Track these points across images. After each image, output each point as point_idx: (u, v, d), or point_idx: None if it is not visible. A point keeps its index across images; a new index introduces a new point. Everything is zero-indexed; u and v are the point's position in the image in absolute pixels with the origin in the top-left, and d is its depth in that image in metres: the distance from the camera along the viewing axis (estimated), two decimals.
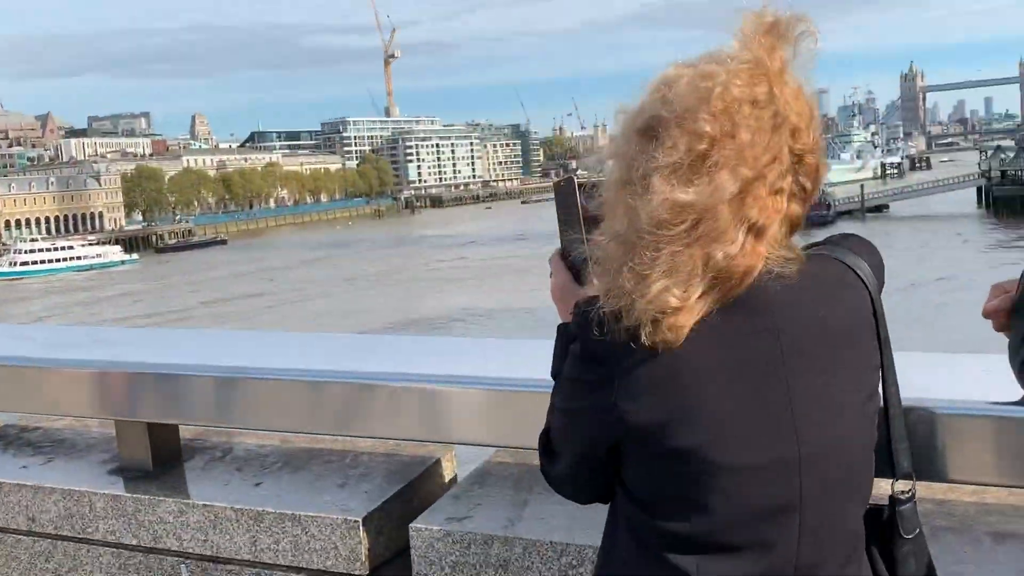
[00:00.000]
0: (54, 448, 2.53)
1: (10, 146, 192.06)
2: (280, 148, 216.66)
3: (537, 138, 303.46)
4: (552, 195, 1.62)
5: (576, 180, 1.59)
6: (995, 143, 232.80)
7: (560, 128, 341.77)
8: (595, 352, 1.35)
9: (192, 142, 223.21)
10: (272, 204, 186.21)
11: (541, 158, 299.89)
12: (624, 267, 1.29)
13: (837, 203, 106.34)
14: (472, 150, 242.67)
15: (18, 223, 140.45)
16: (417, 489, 2.18)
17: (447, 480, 2.27)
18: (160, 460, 2.31)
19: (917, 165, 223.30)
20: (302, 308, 64.67)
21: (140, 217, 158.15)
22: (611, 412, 1.33)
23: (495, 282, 72.18)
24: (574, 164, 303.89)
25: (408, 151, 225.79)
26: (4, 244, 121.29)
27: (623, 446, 1.36)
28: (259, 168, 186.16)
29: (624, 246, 1.31)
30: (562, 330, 1.56)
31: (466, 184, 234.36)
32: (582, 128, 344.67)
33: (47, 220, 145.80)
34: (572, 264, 1.59)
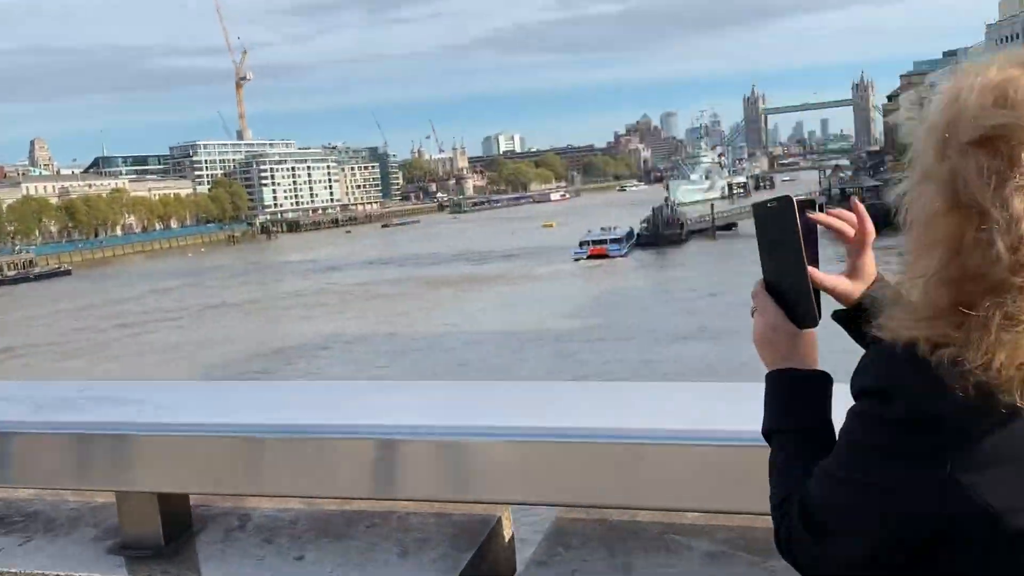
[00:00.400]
0: (27, 524, 2.10)
1: None
2: (127, 173, 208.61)
3: (396, 161, 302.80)
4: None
5: (796, 200, 1.37)
6: (833, 162, 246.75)
7: (419, 151, 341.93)
8: (926, 414, 1.12)
9: (31, 168, 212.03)
10: (119, 232, 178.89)
11: (401, 181, 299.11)
12: (991, 312, 1.07)
13: (689, 222, 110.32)
14: (329, 173, 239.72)
15: None
16: (486, 554, 1.90)
17: (506, 541, 2.00)
18: (171, 534, 1.96)
19: (761, 185, 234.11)
20: (156, 340, 62.32)
21: None
22: (946, 489, 1.10)
23: (358, 308, 71.49)
24: (434, 187, 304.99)
25: (263, 175, 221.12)
26: None
27: (950, 529, 1.12)
28: (104, 194, 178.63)
29: (953, 286, 1.11)
30: (778, 378, 1.37)
31: (324, 208, 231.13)
32: (440, 151, 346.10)
33: None
34: (786, 299, 1.37)
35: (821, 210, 1.45)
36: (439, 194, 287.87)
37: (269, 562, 1.88)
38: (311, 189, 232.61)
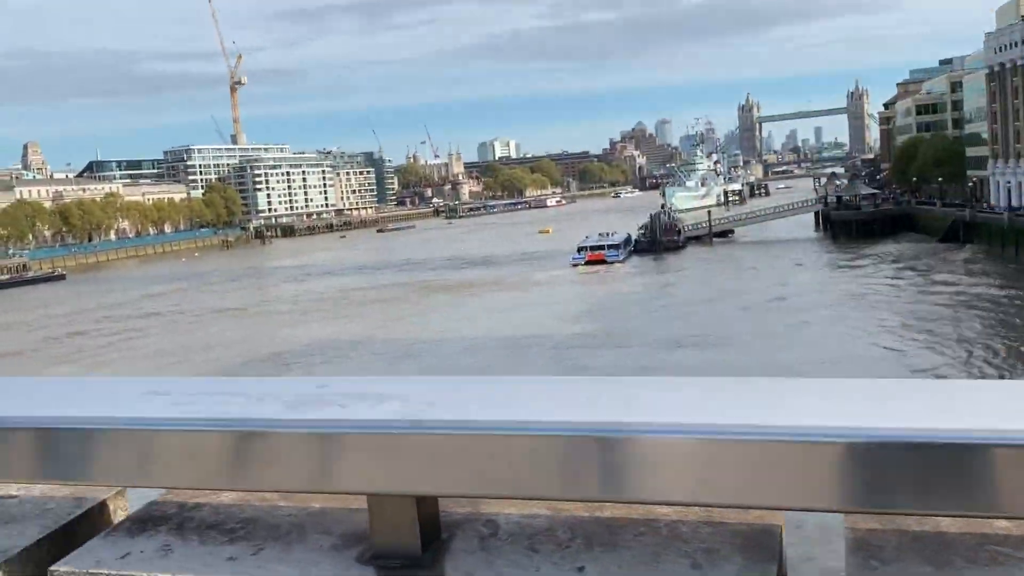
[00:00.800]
0: (249, 531, 1.93)
1: None
2: (120, 178, 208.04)
3: (391, 166, 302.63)
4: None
5: None
6: (827, 170, 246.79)
7: (414, 156, 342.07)
8: None
9: (24, 172, 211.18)
10: (113, 236, 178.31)
11: (396, 186, 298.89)
12: None
13: (686, 229, 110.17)
14: (324, 178, 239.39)
15: None
16: (781, 565, 1.72)
17: (783, 551, 1.80)
18: (426, 542, 1.79)
19: (756, 192, 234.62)
20: (149, 344, 61.85)
21: None
22: None
23: (354, 313, 71.10)
24: (429, 192, 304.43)
25: (257, 179, 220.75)
26: None
27: None
28: (98, 199, 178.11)
29: None
30: None
31: (319, 213, 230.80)
32: (436, 156, 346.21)
33: None
34: None
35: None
36: (434, 199, 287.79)
37: (547, 573, 1.69)
38: (306, 194, 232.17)
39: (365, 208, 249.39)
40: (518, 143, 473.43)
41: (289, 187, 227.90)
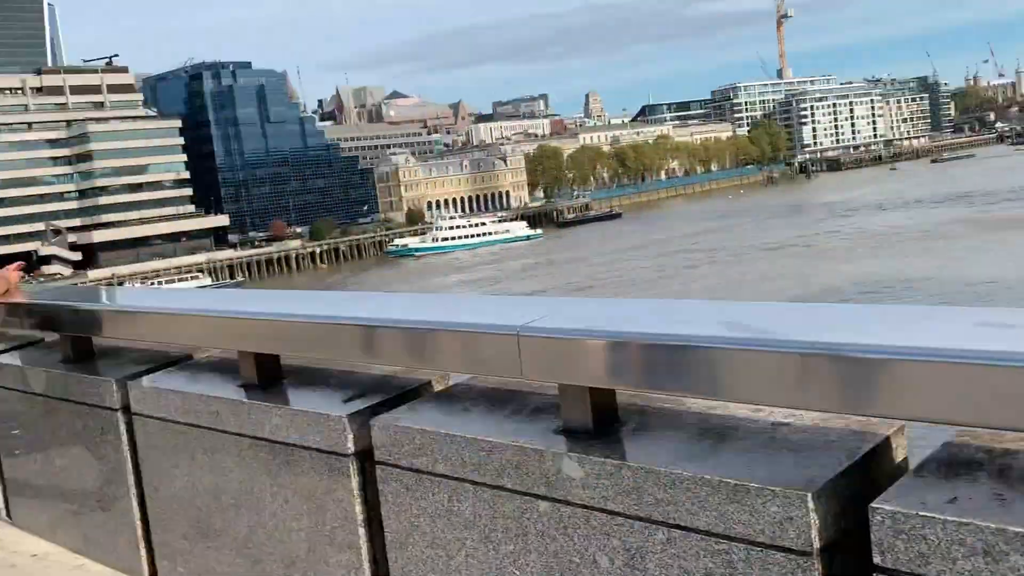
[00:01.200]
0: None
1: (428, 133, 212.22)
2: (670, 120, 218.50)
3: (947, 90, 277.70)
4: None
5: None
6: None
7: (974, 78, 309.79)
8: None
9: (586, 120, 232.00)
10: (663, 176, 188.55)
11: (953, 112, 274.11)
12: None
13: None
14: (872, 108, 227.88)
15: (438, 203, 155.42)
16: None
17: None
18: None
19: None
20: (700, 277, 64.73)
21: (541, 194, 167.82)
22: None
23: (905, 250, 67.35)
24: (992, 116, 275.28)
25: (802, 113, 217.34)
26: (428, 222, 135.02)
27: None
28: (650, 141, 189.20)
29: None
30: None
31: (866, 145, 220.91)
32: (1000, 76, 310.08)
33: (462, 200, 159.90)
34: None
35: None
36: (998, 124, 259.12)
37: None
38: (852, 126, 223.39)
39: (918, 137, 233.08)
40: None
41: (835, 119, 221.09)
